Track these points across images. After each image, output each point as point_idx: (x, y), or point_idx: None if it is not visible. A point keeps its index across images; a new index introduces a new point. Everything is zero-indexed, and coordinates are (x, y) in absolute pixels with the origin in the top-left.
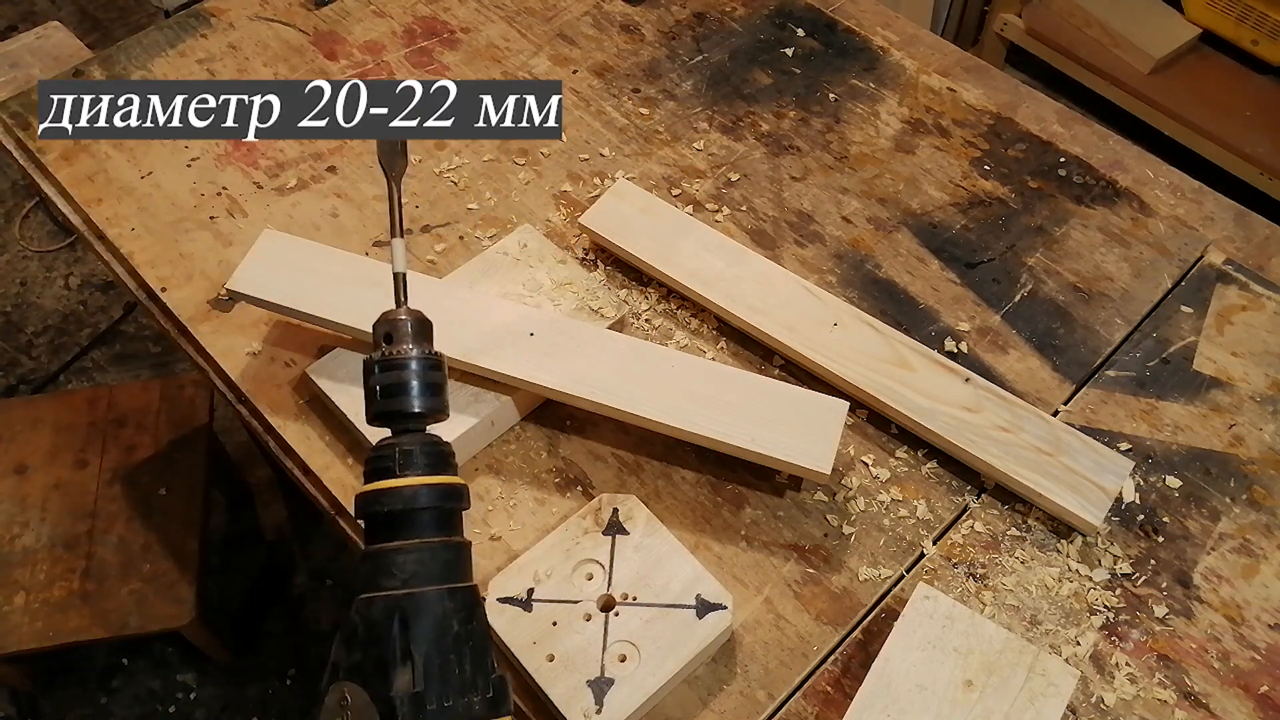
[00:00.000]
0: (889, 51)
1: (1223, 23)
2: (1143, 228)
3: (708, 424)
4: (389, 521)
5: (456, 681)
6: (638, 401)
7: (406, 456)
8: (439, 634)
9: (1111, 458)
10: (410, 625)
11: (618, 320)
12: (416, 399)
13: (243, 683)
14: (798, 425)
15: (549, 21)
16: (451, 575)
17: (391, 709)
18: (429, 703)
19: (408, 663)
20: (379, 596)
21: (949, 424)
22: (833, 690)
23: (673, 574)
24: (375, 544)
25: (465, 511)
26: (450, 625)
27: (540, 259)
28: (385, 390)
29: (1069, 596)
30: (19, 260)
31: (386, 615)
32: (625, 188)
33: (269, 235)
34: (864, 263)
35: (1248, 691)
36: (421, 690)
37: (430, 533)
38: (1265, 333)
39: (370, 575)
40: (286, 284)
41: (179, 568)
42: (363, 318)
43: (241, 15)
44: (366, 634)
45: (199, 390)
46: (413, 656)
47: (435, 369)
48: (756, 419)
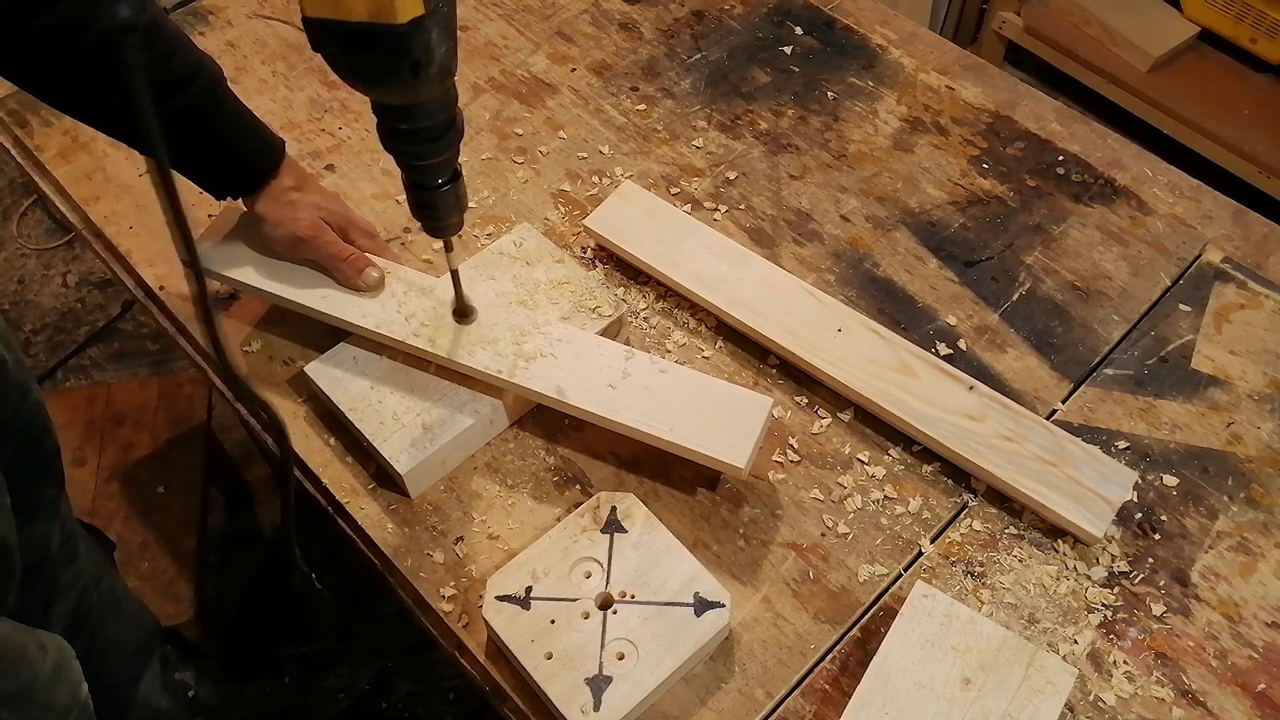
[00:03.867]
0: (887, 50)
1: (1221, 21)
2: (1141, 226)
3: (628, 412)
4: None
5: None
6: (562, 388)
7: None
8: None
9: (1115, 468)
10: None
11: (616, 319)
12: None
13: (241, 681)
14: (719, 419)
15: (547, 20)
16: None
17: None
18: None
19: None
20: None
21: (952, 432)
22: (831, 688)
23: (671, 572)
24: None
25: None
26: None
27: (538, 258)
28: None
29: (1067, 595)
30: (17, 258)
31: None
32: (629, 189)
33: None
34: (862, 261)
35: (1245, 689)
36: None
37: None
38: (1263, 331)
39: None
40: (263, 267)
41: (177, 566)
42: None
43: (240, 13)
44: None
45: (197, 388)
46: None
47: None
48: (678, 410)
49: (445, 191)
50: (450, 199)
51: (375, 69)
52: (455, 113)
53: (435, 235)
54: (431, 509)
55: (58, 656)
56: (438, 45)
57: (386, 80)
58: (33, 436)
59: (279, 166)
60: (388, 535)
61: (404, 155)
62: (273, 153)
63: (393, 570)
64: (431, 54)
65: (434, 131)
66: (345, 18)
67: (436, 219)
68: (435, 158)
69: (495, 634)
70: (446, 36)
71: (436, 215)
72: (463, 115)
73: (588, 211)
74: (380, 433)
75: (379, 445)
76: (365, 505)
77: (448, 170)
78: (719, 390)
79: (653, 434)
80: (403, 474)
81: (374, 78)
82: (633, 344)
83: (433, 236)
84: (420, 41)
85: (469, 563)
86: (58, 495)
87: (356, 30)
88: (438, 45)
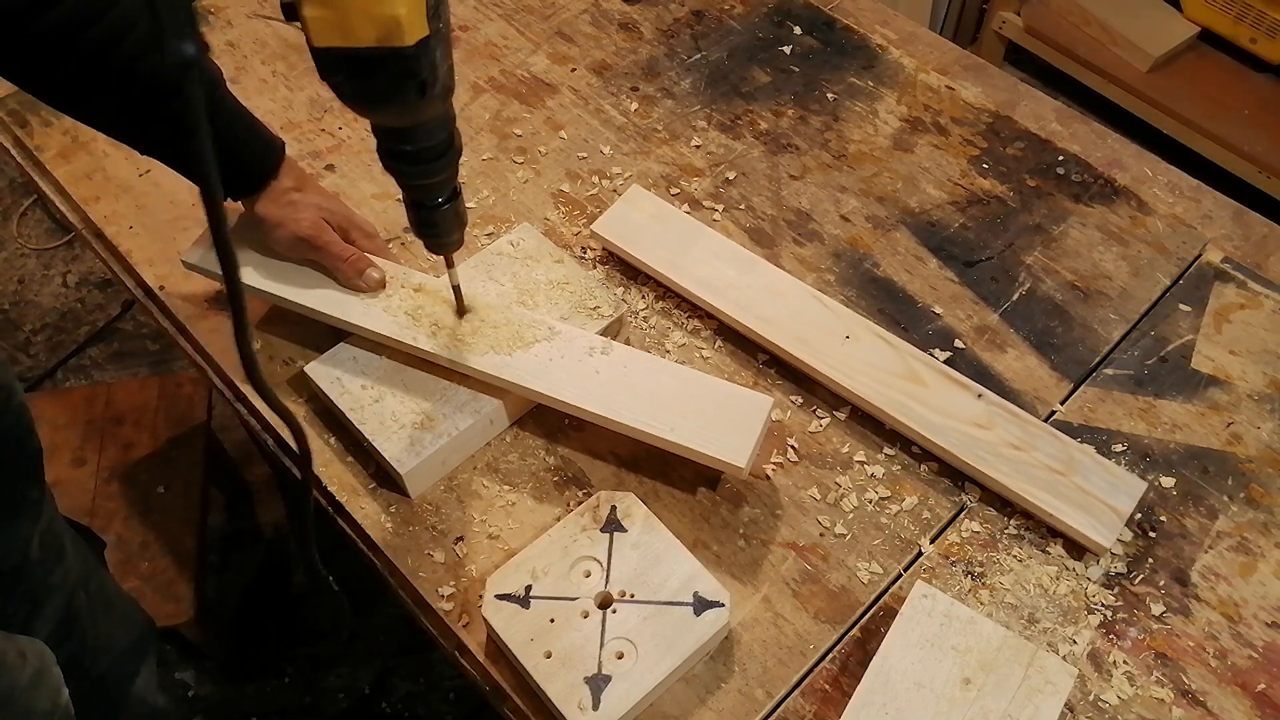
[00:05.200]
0: (887, 50)
1: (1221, 21)
2: (1141, 226)
3: (629, 412)
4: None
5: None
6: (563, 387)
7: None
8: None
9: (1124, 477)
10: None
11: (615, 320)
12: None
13: (240, 681)
14: (720, 419)
15: (547, 20)
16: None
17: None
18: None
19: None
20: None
21: (960, 440)
22: (831, 688)
23: (670, 571)
24: None
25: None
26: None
27: (537, 257)
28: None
29: (1067, 595)
30: (17, 258)
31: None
32: (637, 194)
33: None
34: (862, 261)
35: (1245, 689)
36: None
37: None
38: (1263, 331)
39: None
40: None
41: (177, 566)
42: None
43: (239, 13)
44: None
45: (197, 388)
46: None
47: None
48: (679, 410)
49: (446, 210)
50: (451, 216)
51: (383, 92)
52: (454, 131)
53: (436, 252)
54: (431, 509)
55: (37, 663)
56: (440, 64)
57: (393, 102)
58: (17, 438)
59: (279, 167)
60: (388, 535)
61: (405, 175)
62: (273, 153)
63: (393, 570)
64: (436, 73)
65: (435, 151)
66: (354, 44)
67: (438, 236)
68: (436, 177)
69: (495, 633)
70: (446, 55)
71: (438, 233)
72: (460, 134)
73: (588, 211)
74: (380, 433)
75: (379, 445)
76: (365, 505)
77: (448, 189)
78: (720, 390)
79: (654, 434)
80: (403, 474)
81: (381, 100)
82: (632, 344)
83: (434, 254)
84: (426, 62)
85: (469, 562)
86: (41, 497)
87: (365, 56)
88: (440, 64)
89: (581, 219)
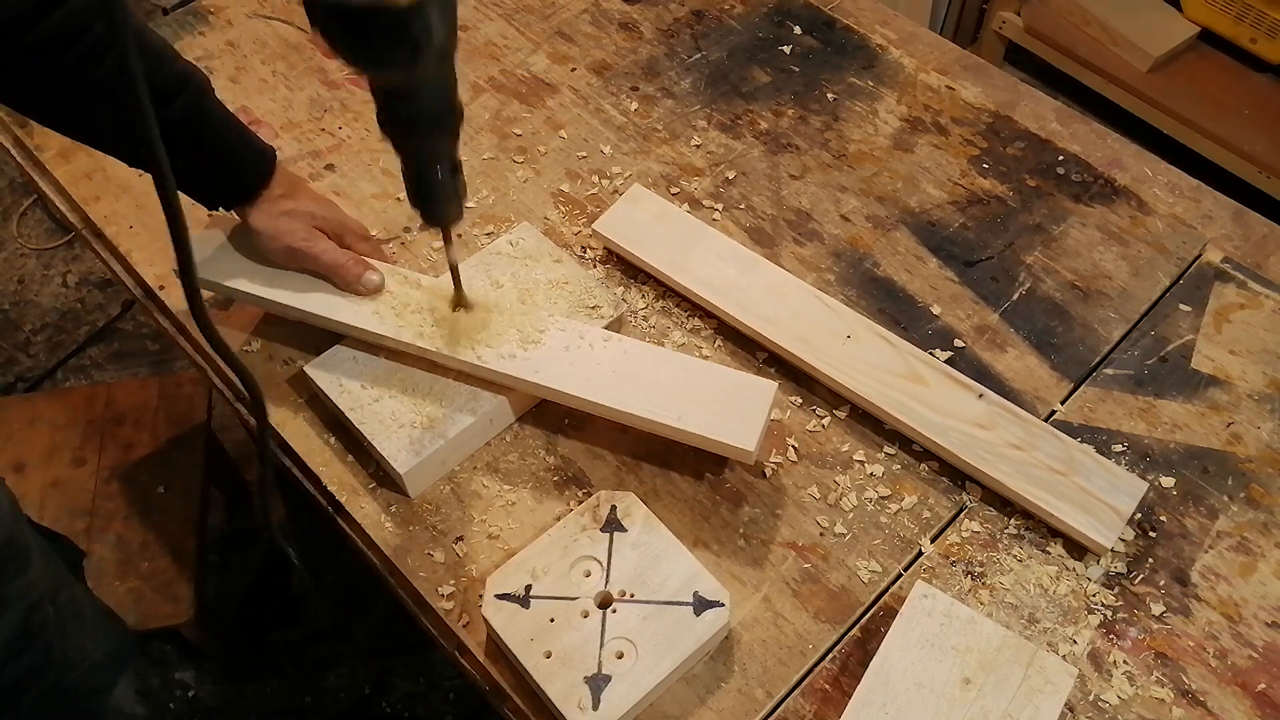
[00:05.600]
0: (887, 49)
1: (1221, 21)
2: (1141, 226)
3: (636, 402)
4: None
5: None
6: (566, 380)
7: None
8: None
9: (1125, 478)
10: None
11: (615, 319)
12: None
13: (241, 681)
14: (726, 405)
15: (547, 19)
16: None
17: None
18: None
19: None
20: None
21: (961, 440)
22: (831, 688)
23: (670, 571)
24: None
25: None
26: None
27: (537, 257)
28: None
29: (1066, 594)
30: (16, 258)
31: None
32: (638, 193)
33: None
34: (862, 261)
35: (1245, 689)
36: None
37: None
38: (1263, 331)
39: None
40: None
41: (177, 566)
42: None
43: (240, 13)
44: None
45: (197, 388)
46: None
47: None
48: (685, 398)
49: (444, 180)
50: (450, 188)
51: (376, 49)
52: (454, 99)
53: (433, 225)
54: (431, 508)
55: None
56: (437, 26)
57: (386, 60)
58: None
59: (271, 176)
60: (387, 535)
61: (402, 139)
62: (264, 161)
63: (392, 570)
64: (431, 35)
65: (432, 117)
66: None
67: (434, 207)
68: (433, 143)
69: (495, 633)
70: (446, 18)
71: (434, 203)
72: (462, 105)
73: (587, 211)
74: (380, 432)
75: (379, 445)
76: (365, 505)
77: (447, 158)
78: (723, 376)
79: (662, 422)
80: (402, 474)
81: (374, 58)
82: None
83: (431, 226)
84: (420, 23)
85: (469, 562)
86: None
87: (359, 10)
88: (437, 26)
89: (581, 219)
